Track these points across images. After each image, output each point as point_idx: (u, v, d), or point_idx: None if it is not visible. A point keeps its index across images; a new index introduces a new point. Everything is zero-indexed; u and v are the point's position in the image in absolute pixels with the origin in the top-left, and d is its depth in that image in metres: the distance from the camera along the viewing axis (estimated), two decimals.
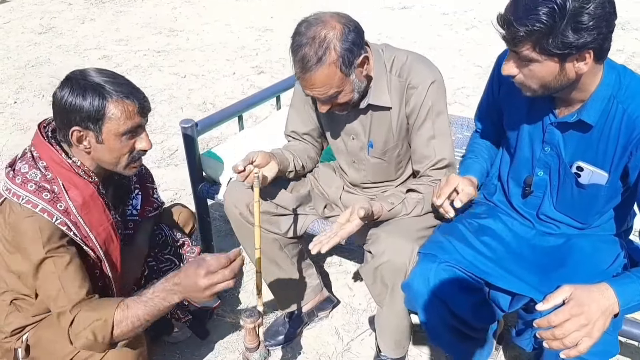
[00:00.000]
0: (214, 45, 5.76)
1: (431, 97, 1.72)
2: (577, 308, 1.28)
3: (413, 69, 1.72)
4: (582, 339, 1.28)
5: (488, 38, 5.62)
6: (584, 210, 1.60)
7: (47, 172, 1.49)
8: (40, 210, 1.43)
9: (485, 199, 1.83)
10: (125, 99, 1.46)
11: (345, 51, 1.57)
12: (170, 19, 6.94)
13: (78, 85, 1.44)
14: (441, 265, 1.54)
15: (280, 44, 5.72)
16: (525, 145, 1.63)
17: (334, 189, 2.04)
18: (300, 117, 2.00)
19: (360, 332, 2.22)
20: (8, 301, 1.62)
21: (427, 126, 1.75)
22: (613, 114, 1.43)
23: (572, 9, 1.25)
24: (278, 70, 5.01)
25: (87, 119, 1.45)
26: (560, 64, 1.34)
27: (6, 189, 1.47)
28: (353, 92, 1.67)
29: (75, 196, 1.50)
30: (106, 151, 1.51)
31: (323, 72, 1.56)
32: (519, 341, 1.52)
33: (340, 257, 2.64)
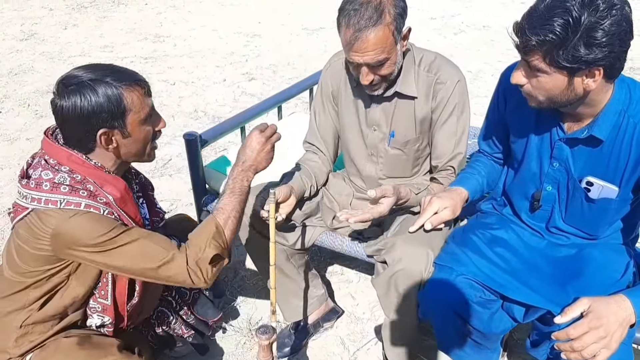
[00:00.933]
0: (203, 52, 5.73)
1: (458, 95, 1.78)
2: (595, 321, 1.31)
3: (442, 67, 1.79)
4: (601, 351, 1.31)
5: (476, 43, 5.69)
6: (594, 223, 1.63)
7: (75, 174, 1.47)
8: (85, 206, 1.42)
9: (494, 208, 1.85)
10: (134, 85, 1.46)
11: (397, 16, 1.62)
12: (156, 25, 6.89)
13: (84, 88, 1.41)
14: (458, 278, 1.56)
15: (270, 49, 5.72)
16: (533, 160, 1.65)
17: (344, 197, 2.06)
18: (322, 121, 2.02)
19: (365, 342, 2.24)
20: (18, 324, 1.58)
21: (451, 122, 1.81)
22: (624, 129, 1.46)
23: (587, 23, 1.26)
24: (269, 77, 5.01)
25: (111, 117, 1.44)
26: (568, 78, 1.36)
27: (32, 200, 1.44)
28: (395, 65, 1.71)
29: (112, 191, 1.51)
30: (134, 143, 1.52)
31: (378, 34, 1.59)
32: (534, 352, 1.55)
33: (342, 266, 2.65)
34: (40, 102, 4.60)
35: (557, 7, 1.29)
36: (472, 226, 1.77)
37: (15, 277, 1.55)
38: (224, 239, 1.57)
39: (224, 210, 1.59)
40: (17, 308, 1.57)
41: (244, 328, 2.30)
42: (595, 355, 1.32)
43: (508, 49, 5.56)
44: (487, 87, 4.66)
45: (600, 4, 1.26)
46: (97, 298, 1.63)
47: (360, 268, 2.63)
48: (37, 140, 3.97)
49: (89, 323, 1.66)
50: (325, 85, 2.00)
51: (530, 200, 1.71)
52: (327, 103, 2.00)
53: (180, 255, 1.51)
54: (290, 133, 2.47)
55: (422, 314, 1.67)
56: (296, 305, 2.16)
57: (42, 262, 1.51)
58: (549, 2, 1.31)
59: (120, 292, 1.64)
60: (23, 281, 1.55)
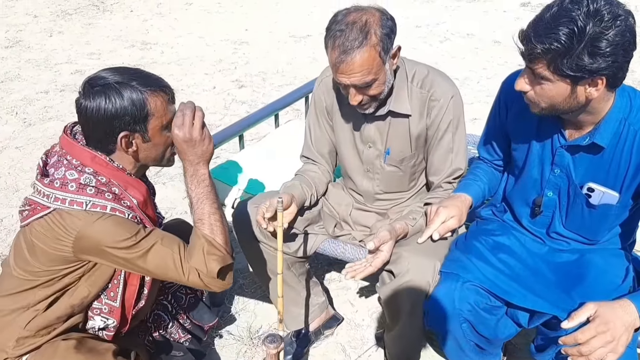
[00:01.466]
0: (191, 59, 5.71)
1: (452, 111, 1.78)
2: (602, 326, 1.34)
3: (435, 82, 1.78)
4: (607, 355, 1.34)
5: (462, 51, 5.75)
6: (594, 229, 1.66)
7: (100, 176, 1.47)
8: (111, 209, 1.43)
9: (494, 214, 1.88)
10: (159, 91, 1.47)
11: (384, 36, 1.61)
12: (142, 32, 6.85)
13: (110, 90, 1.42)
14: (465, 285, 1.58)
15: (259, 57, 5.72)
16: (534, 167, 1.68)
17: (343, 207, 2.07)
18: (317, 136, 2.02)
19: (366, 348, 2.24)
20: (23, 324, 1.55)
21: (447, 139, 1.81)
22: (625, 136, 1.49)
23: (591, 33, 1.29)
24: (259, 84, 5.00)
25: (133, 121, 1.44)
26: (571, 86, 1.38)
27: (55, 199, 1.43)
28: (384, 85, 1.70)
29: (135, 194, 1.52)
30: (153, 148, 1.53)
31: (364, 56, 1.58)
32: (539, 356, 1.57)
33: (340, 274, 2.66)
34: (28, 110, 4.54)
35: (563, 16, 1.32)
36: (474, 233, 1.79)
37: (23, 275, 1.53)
38: (218, 246, 1.53)
39: (202, 220, 1.53)
40: (23, 306, 1.55)
41: (244, 337, 2.30)
42: (602, 359, 1.34)
43: (492, 56, 5.65)
44: (473, 94, 4.72)
45: (605, 15, 1.29)
46: (103, 300, 1.62)
47: None
48: (27, 148, 3.92)
49: (91, 325, 1.65)
50: (319, 101, 1.99)
51: (531, 206, 1.74)
52: (321, 118, 2.00)
53: (190, 267, 1.51)
54: (287, 140, 2.49)
55: (429, 322, 1.68)
56: (297, 314, 2.16)
57: (58, 262, 1.50)
58: (554, 11, 1.33)
59: (130, 295, 1.64)
60: (32, 279, 1.53)
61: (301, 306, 2.15)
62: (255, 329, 2.35)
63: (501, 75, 3.62)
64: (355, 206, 2.06)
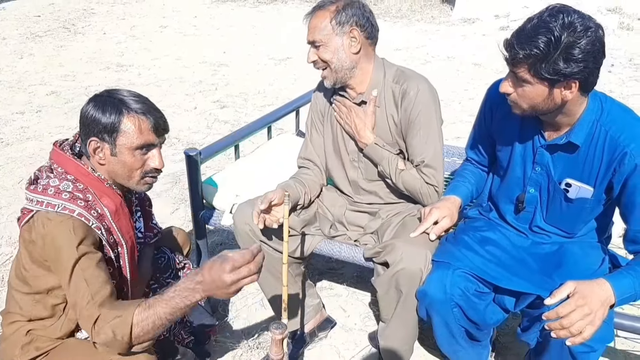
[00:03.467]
0: (170, 80, 5.94)
1: (421, 102, 2.03)
2: (581, 300, 1.57)
3: (409, 78, 2.07)
4: (586, 327, 1.57)
5: (443, 73, 6.09)
6: (572, 221, 1.90)
7: (78, 183, 1.65)
8: (78, 214, 1.59)
9: (480, 214, 2.11)
10: (141, 115, 1.64)
11: (342, 12, 1.98)
12: (116, 54, 7.07)
13: (101, 100, 1.64)
14: (456, 272, 1.80)
15: (238, 78, 5.98)
16: (517, 166, 1.93)
17: (337, 208, 2.28)
18: (314, 137, 2.28)
19: (359, 350, 2.43)
20: (24, 332, 1.71)
21: (417, 128, 2.05)
22: (597, 136, 1.74)
23: (566, 41, 1.55)
24: (241, 105, 5.24)
25: (104, 130, 1.62)
26: (549, 88, 1.64)
27: (37, 203, 1.60)
28: (334, 55, 2.01)
29: (108, 203, 1.68)
30: (119, 164, 1.68)
31: (318, 16, 2.00)
32: (525, 337, 1.78)
33: (331, 282, 2.85)
34: (5, 130, 4.69)
35: (542, 27, 1.58)
36: (463, 230, 2.02)
37: (20, 287, 1.69)
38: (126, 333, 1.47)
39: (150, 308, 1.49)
40: (24, 320, 1.71)
41: (239, 342, 2.46)
42: (582, 331, 1.57)
43: (472, 78, 6.00)
44: (455, 114, 5.02)
45: (578, 27, 1.55)
46: None
47: (348, 282, 2.84)
48: (6, 167, 4.06)
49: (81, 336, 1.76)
50: (314, 104, 2.29)
51: (515, 203, 1.98)
52: (316, 120, 2.28)
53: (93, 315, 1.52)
54: (280, 150, 2.72)
55: (423, 310, 1.88)
56: (294, 315, 2.34)
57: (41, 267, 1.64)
58: (534, 22, 1.60)
59: None
60: (27, 291, 1.69)
61: (297, 306, 2.33)
62: (251, 334, 2.52)
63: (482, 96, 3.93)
64: (349, 207, 2.28)
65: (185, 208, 3.54)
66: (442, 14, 9.16)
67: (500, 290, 1.84)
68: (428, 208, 1.99)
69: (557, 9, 1.60)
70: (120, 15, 9.16)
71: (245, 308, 2.68)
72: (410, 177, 2.10)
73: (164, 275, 2.14)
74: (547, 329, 1.62)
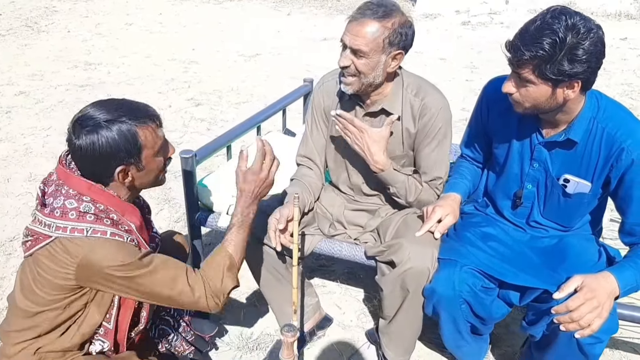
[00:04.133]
0: (141, 78, 5.78)
1: (442, 120, 2.00)
2: (589, 293, 1.59)
3: (429, 92, 2.01)
4: (594, 320, 1.58)
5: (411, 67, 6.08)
6: (569, 216, 1.93)
7: (98, 204, 1.55)
8: (111, 234, 1.52)
9: (476, 210, 2.12)
10: (147, 121, 1.57)
11: (397, 31, 1.84)
12: (84, 52, 6.85)
13: (101, 129, 1.51)
14: (463, 269, 1.80)
15: (211, 76, 5.87)
16: (515, 162, 1.94)
17: (336, 208, 2.25)
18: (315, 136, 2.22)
19: (358, 347, 2.41)
20: (32, 351, 1.62)
21: (434, 145, 2.03)
22: (594, 133, 1.76)
23: (570, 42, 1.55)
24: (215, 102, 5.15)
25: (128, 155, 1.54)
26: (552, 88, 1.64)
27: (57, 228, 1.50)
28: (373, 71, 1.88)
29: (133, 219, 1.62)
30: (147, 174, 1.63)
31: (373, 25, 1.82)
32: (531, 330, 1.79)
33: (323, 279, 2.83)
34: None
35: (546, 29, 1.58)
36: (463, 226, 2.02)
37: (30, 307, 1.59)
38: (237, 269, 1.71)
39: (235, 242, 1.72)
40: (33, 337, 1.62)
41: (237, 344, 2.41)
42: (590, 324, 1.58)
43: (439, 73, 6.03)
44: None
45: (581, 28, 1.56)
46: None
47: (341, 279, 2.82)
48: None
49: (92, 349, 1.71)
50: (317, 103, 2.20)
51: (513, 199, 1.99)
52: (319, 119, 2.20)
53: (199, 285, 1.63)
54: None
55: (430, 307, 1.87)
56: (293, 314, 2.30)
57: (63, 290, 1.56)
58: (538, 24, 1.60)
59: (123, 317, 1.71)
60: (40, 310, 1.59)
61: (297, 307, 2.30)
62: (247, 335, 2.47)
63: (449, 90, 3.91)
64: (348, 206, 2.25)
65: (170, 209, 3.46)
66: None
67: (505, 285, 1.84)
68: (431, 206, 1.98)
69: (559, 10, 1.61)
70: (84, 13, 8.87)
71: (239, 308, 2.63)
72: (427, 195, 2.07)
73: None
74: (556, 322, 1.63)
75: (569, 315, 1.59)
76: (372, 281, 2.77)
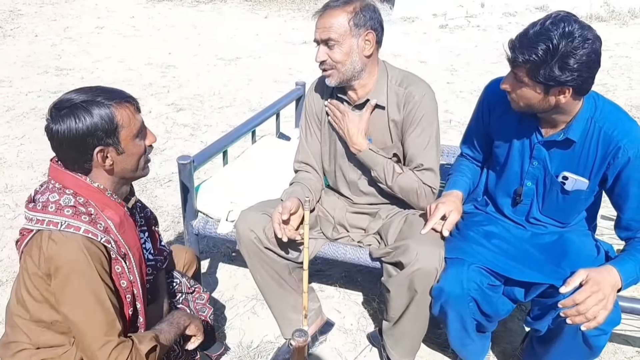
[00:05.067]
0: (117, 84, 5.77)
1: (426, 107, 2.10)
2: (595, 286, 1.69)
3: (413, 81, 2.13)
4: (600, 312, 1.69)
5: None
6: (567, 212, 2.04)
7: (78, 196, 1.58)
8: (84, 231, 1.52)
9: (476, 208, 2.22)
10: (123, 102, 1.59)
11: (360, 13, 1.99)
12: (53, 57, 6.81)
13: (73, 111, 1.52)
14: (471, 267, 1.89)
15: (190, 80, 5.90)
16: (515, 161, 2.04)
17: (338, 211, 2.33)
18: (309, 140, 2.31)
19: (360, 350, 2.49)
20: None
21: (418, 132, 2.12)
22: (592, 132, 1.88)
23: (563, 50, 1.66)
24: (197, 107, 5.18)
25: (104, 135, 1.56)
26: (543, 92, 1.76)
27: (37, 222, 1.53)
28: (348, 57, 2.02)
29: (112, 215, 1.62)
30: (128, 159, 1.64)
31: (336, 13, 1.98)
32: (537, 324, 1.89)
33: (321, 284, 2.90)
34: None
35: (543, 34, 1.69)
36: (465, 225, 2.11)
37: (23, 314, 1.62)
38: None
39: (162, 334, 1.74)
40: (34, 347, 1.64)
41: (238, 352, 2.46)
42: (596, 316, 1.69)
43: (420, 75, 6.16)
44: None
45: (577, 37, 1.66)
46: None
47: (339, 284, 2.90)
48: None
49: None
50: (309, 106, 2.31)
51: (512, 196, 2.10)
52: (312, 123, 2.30)
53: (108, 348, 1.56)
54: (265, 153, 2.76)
55: (437, 307, 1.95)
56: (295, 320, 2.36)
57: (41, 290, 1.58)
58: (537, 29, 1.71)
59: None
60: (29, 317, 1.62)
61: (299, 312, 2.36)
62: (247, 344, 2.52)
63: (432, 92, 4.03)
64: (349, 209, 2.33)
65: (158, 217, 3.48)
66: (383, 12, 9.29)
67: (510, 282, 1.94)
68: (434, 204, 2.07)
69: (560, 17, 1.71)
70: (51, 17, 8.81)
71: (237, 317, 2.68)
72: (407, 179, 2.15)
73: (173, 300, 2.08)
74: (562, 316, 1.73)
75: (575, 309, 1.70)
76: (370, 284, 2.88)
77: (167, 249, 2.05)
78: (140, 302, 1.77)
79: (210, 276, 2.95)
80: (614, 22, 8.41)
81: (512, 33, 1.98)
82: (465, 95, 5.54)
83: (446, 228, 2.00)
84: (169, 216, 3.48)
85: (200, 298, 2.15)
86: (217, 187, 2.49)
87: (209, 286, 2.85)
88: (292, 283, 2.28)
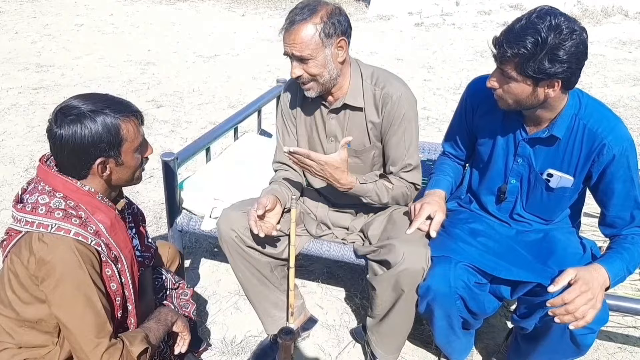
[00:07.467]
0: (97, 80, 5.59)
1: (405, 106, 1.99)
2: (584, 286, 1.61)
3: (388, 81, 2.00)
4: (589, 311, 1.61)
5: None
6: (551, 209, 1.96)
7: (69, 200, 1.51)
8: (74, 234, 1.46)
9: (460, 206, 2.13)
10: (130, 116, 1.54)
11: (329, 22, 1.83)
12: (34, 54, 6.58)
13: (85, 118, 1.47)
14: (458, 265, 1.80)
15: (170, 77, 5.73)
16: (499, 158, 1.96)
17: (320, 209, 2.22)
18: (287, 140, 2.17)
19: (344, 346, 2.39)
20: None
21: (400, 133, 2.01)
22: (576, 129, 1.80)
23: (552, 43, 1.58)
24: (177, 104, 5.02)
25: (108, 147, 1.51)
26: (533, 86, 1.67)
27: (26, 223, 1.47)
28: (324, 68, 1.88)
29: (103, 218, 1.55)
30: (125, 170, 1.60)
31: (304, 28, 1.82)
32: (523, 322, 1.81)
33: (303, 279, 2.79)
34: None
35: (530, 28, 1.60)
36: (450, 223, 2.02)
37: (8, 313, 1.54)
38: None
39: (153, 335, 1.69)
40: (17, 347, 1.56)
41: (221, 347, 2.35)
42: (585, 315, 1.61)
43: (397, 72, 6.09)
44: None
45: (564, 29, 1.58)
46: None
47: (321, 279, 2.79)
48: None
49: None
50: (284, 106, 2.17)
51: (497, 194, 2.01)
52: (288, 122, 2.17)
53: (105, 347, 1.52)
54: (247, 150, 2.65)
55: (424, 305, 1.86)
56: (278, 317, 2.26)
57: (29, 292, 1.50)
58: (523, 23, 1.62)
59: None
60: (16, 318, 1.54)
61: (282, 309, 2.25)
62: (230, 339, 2.41)
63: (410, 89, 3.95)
64: (331, 208, 2.22)
65: None
66: (358, 11, 9.26)
67: (496, 280, 1.85)
68: (418, 204, 1.97)
69: (545, 10, 1.63)
70: (31, 14, 8.52)
71: (220, 313, 2.56)
72: (398, 190, 2.06)
73: (157, 296, 2.00)
74: (550, 314, 1.65)
75: (564, 308, 1.61)
76: (352, 280, 2.78)
77: (154, 245, 1.97)
78: (132, 304, 1.71)
79: (192, 272, 2.82)
80: (587, 21, 8.41)
81: (487, 31, 1.90)
82: (442, 92, 5.47)
83: (433, 229, 1.91)
84: (151, 212, 3.34)
85: (184, 294, 2.08)
86: (200, 183, 2.37)
87: (191, 282, 2.74)
88: (274, 280, 2.17)
